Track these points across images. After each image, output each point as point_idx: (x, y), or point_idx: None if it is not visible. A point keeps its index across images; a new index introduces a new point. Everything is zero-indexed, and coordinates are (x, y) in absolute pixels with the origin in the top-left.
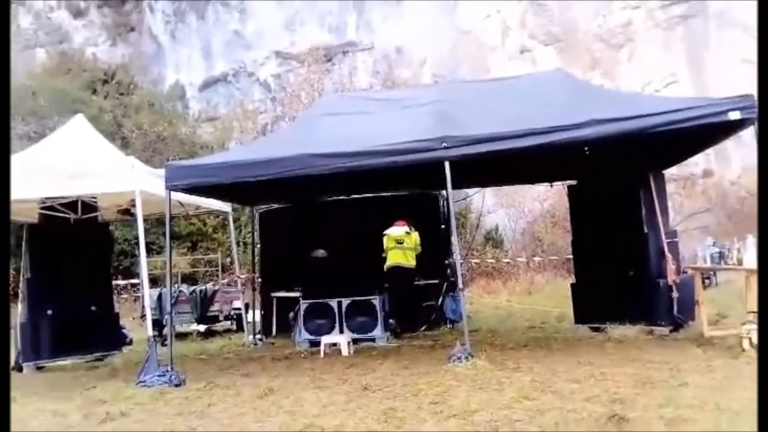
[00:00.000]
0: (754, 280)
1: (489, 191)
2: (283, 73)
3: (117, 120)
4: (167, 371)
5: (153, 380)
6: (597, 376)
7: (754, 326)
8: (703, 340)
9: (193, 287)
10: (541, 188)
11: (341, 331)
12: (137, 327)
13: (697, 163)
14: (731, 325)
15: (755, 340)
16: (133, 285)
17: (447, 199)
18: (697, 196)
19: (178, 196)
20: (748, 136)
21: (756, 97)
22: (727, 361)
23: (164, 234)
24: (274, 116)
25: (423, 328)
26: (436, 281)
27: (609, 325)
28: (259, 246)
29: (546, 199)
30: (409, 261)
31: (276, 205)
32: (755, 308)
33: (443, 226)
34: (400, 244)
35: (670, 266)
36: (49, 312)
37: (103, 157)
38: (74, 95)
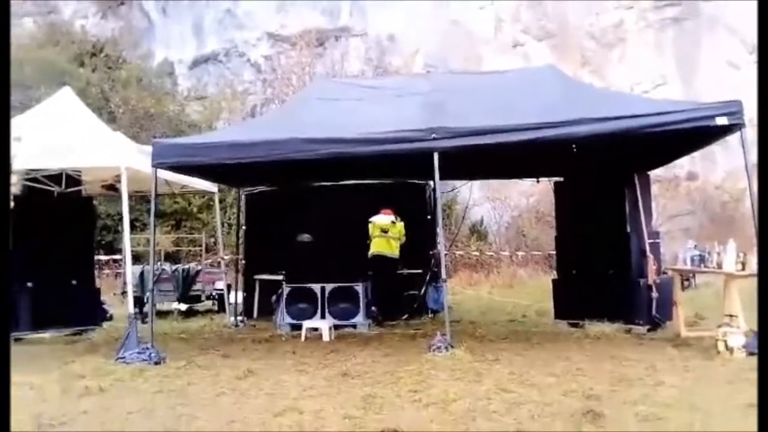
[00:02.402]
0: (732, 284)
1: (476, 184)
2: (274, 55)
3: (104, 94)
4: (147, 349)
5: (133, 357)
6: (574, 372)
7: (731, 329)
8: (679, 341)
9: (176, 266)
10: (528, 183)
11: (323, 317)
12: (118, 303)
13: (682, 165)
14: (708, 327)
15: (731, 342)
16: (115, 261)
17: (434, 190)
18: (681, 199)
19: (165, 174)
20: (734, 141)
21: (742, 104)
22: (702, 362)
23: (148, 211)
24: (263, 98)
25: (404, 316)
26: (420, 271)
27: (588, 321)
28: (244, 228)
29: (532, 195)
30: (393, 250)
31: (263, 188)
32: (732, 311)
33: (429, 217)
34: (385, 233)
35: (651, 266)
36: (29, 284)
37: (89, 131)
38: (62, 67)
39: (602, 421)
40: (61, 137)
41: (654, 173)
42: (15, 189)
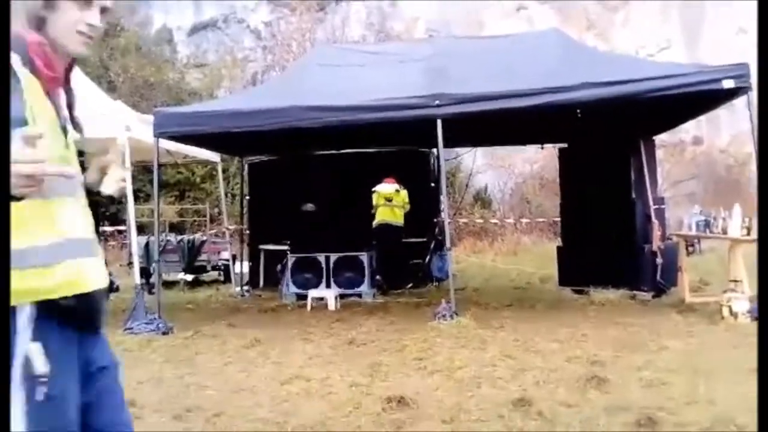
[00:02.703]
0: (737, 249)
1: (480, 151)
2: (274, 21)
3: (103, 63)
4: (155, 319)
5: (140, 327)
6: (578, 338)
7: (735, 294)
8: (683, 307)
9: (181, 237)
10: (532, 150)
11: (328, 286)
12: (124, 274)
13: (687, 130)
14: (712, 292)
15: (735, 308)
16: (120, 232)
17: (438, 158)
18: (686, 163)
19: (166, 144)
20: (741, 105)
21: (749, 67)
22: (706, 328)
23: (151, 182)
24: (264, 65)
25: (409, 285)
26: (424, 239)
27: (592, 288)
28: (247, 198)
29: (536, 162)
30: (398, 218)
31: (266, 157)
32: (737, 276)
33: (433, 185)
34: (389, 201)
35: (656, 232)
36: None
37: (89, 101)
38: None
39: (606, 387)
40: None
41: (659, 138)
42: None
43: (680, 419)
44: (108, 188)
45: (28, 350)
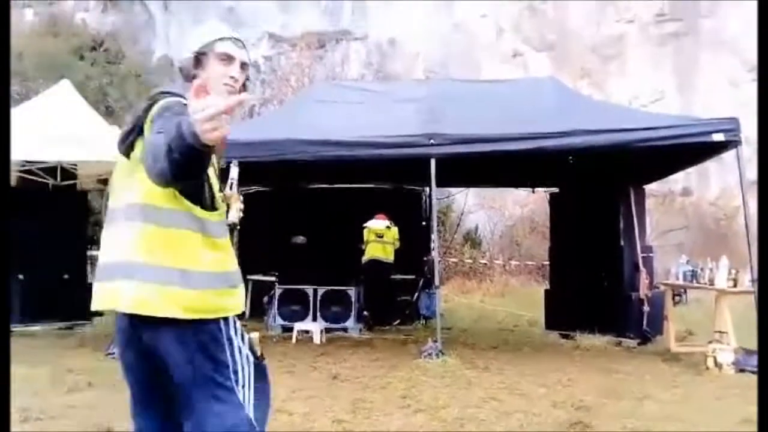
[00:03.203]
0: (723, 300)
1: (471, 192)
2: (274, 56)
3: (102, 89)
4: None
5: None
6: (564, 383)
7: (720, 345)
8: (669, 355)
9: None
10: (523, 193)
11: (314, 319)
12: None
13: (677, 180)
14: (698, 342)
15: (720, 359)
16: None
17: (430, 196)
18: (675, 214)
19: None
20: (730, 158)
21: (739, 122)
22: (691, 378)
23: None
24: (262, 99)
25: (396, 322)
26: (413, 277)
27: (579, 333)
28: (237, 227)
29: (527, 205)
30: (388, 255)
31: (259, 188)
32: (722, 328)
33: (424, 223)
34: (380, 237)
35: (643, 280)
36: (20, 276)
37: (87, 125)
38: (61, 59)
39: None
40: (58, 129)
41: (649, 188)
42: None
43: None
44: (233, 218)
45: (251, 339)
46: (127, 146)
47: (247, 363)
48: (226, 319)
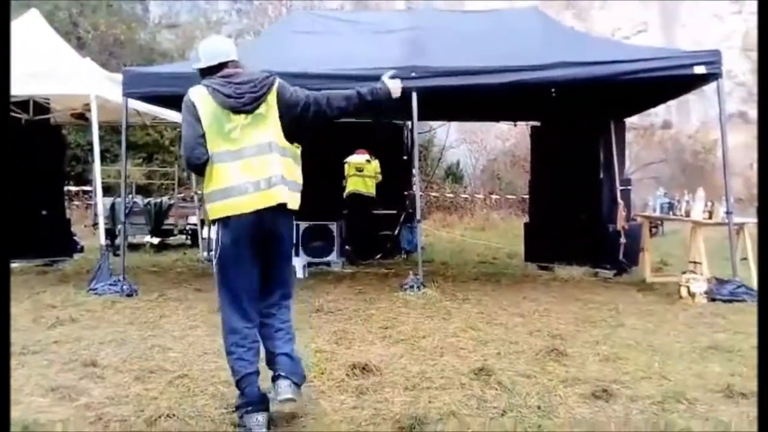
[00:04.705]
0: (698, 232)
1: (453, 126)
2: None
3: (73, 18)
4: (119, 281)
5: (104, 288)
6: (541, 312)
7: (694, 275)
8: (644, 286)
9: (148, 199)
10: (505, 127)
11: (297, 254)
12: (89, 235)
13: (657, 113)
14: (672, 273)
15: (693, 288)
16: (86, 192)
17: (411, 130)
18: (654, 147)
19: (136, 105)
20: (711, 91)
21: (721, 54)
22: (664, 307)
23: (119, 142)
24: (238, 29)
25: (378, 256)
26: (394, 211)
27: (557, 264)
28: None
29: (508, 139)
30: (369, 189)
31: None
32: (697, 258)
33: (405, 157)
34: (360, 171)
35: (621, 213)
36: None
37: (58, 57)
38: None
39: (565, 360)
40: (29, 62)
41: (629, 121)
42: None
43: (634, 392)
44: None
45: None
46: (255, 106)
47: None
48: None
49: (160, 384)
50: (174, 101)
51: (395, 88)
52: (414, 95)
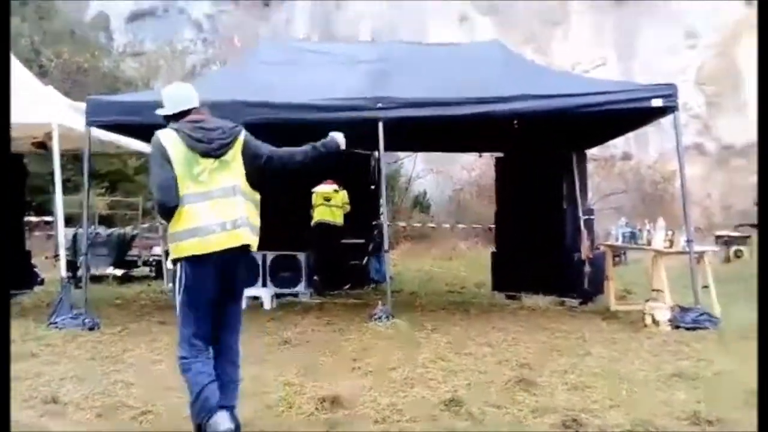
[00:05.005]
0: (660, 261)
1: (420, 156)
2: (216, 14)
3: (35, 46)
4: (81, 314)
5: (65, 322)
6: (509, 342)
7: (657, 303)
8: (608, 314)
9: (111, 230)
10: (470, 158)
11: (264, 285)
12: (50, 267)
13: (617, 145)
14: (636, 301)
15: (657, 316)
16: (47, 222)
17: (378, 161)
18: (615, 178)
19: (99, 133)
20: (667, 123)
21: (677, 88)
22: (629, 335)
23: (81, 171)
24: (204, 58)
25: (347, 286)
26: (362, 241)
27: (524, 294)
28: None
29: (474, 169)
30: (336, 218)
31: None
32: (659, 287)
33: (372, 187)
34: (328, 201)
35: (585, 242)
36: None
37: (19, 85)
38: None
39: (534, 389)
40: None
41: (590, 152)
42: None
43: (603, 421)
44: None
45: None
46: (223, 152)
47: None
48: None
49: (123, 421)
50: (138, 130)
51: (341, 140)
52: (380, 125)
